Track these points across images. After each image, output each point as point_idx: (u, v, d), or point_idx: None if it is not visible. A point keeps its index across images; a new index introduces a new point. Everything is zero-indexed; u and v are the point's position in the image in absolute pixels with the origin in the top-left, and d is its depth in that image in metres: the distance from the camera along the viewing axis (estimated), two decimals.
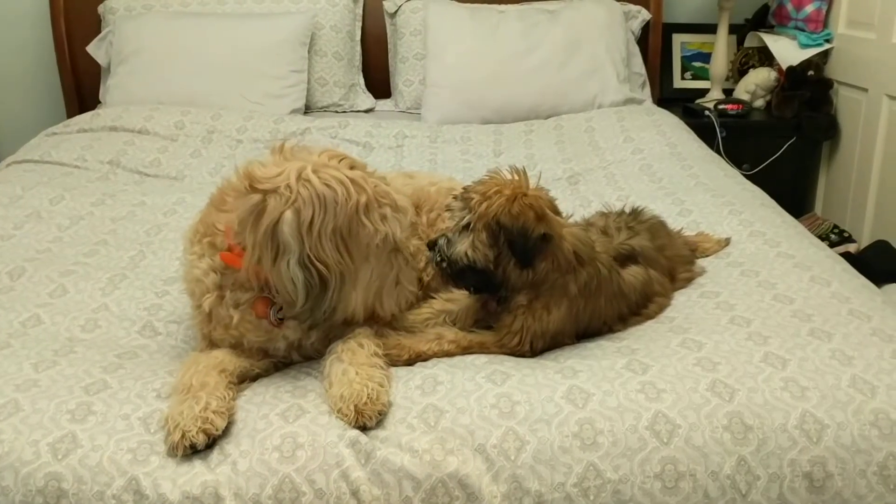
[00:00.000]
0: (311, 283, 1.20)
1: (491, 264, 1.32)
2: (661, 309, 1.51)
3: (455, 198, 1.38)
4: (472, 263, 1.32)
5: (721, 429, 1.16)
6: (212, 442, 1.14)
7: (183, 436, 1.11)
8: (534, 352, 1.36)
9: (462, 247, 1.32)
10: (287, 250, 1.19)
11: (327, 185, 1.20)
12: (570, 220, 1.44)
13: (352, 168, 1.26)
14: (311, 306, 1.23)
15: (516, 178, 1.33)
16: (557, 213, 1.37)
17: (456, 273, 1.35)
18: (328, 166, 1.23)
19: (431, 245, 1.38)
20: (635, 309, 1.48)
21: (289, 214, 1.18)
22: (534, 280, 1.34)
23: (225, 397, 1.20)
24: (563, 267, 1.34)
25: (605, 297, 1.40)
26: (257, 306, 1.31)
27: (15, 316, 1.52)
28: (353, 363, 1.24)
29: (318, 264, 1.19)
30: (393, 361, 1.32)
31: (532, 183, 1.35)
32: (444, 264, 1.35)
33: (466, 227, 1.32)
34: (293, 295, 1.22)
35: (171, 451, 1.12)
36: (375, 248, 1.25)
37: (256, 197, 1.21)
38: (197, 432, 1.12)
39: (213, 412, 1.15)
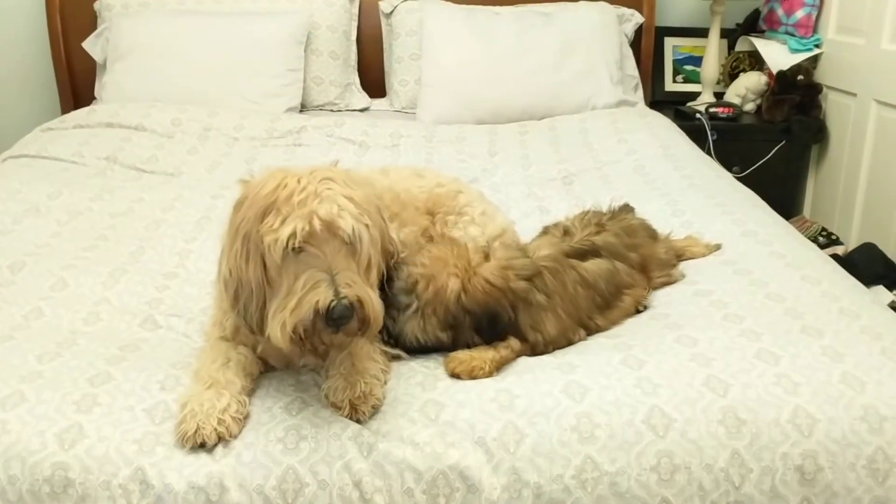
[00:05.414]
0: None
1: (446, 341, 1.34)
2: (637, 301, 1.53)
3: (397, 270, 1.33)
4: (422, 344, 1.34)
5: (715, 423, 1.19)
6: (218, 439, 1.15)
7: (197, 430, 1.12)
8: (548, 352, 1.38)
9: (410, 329, 1.32)
10: None
11: None
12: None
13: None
14: None
15: (457, 251, 1.34)
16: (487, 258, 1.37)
17: (403, 348, 1.35)
18: None
19: None
20: (609, 300, 1.48)
21: None
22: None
23: (245, 403, 1.20)
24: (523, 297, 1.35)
25: (571, 282, 1.41)
26: None
27: (17, 309, 1.53)
28: (349, 356, 1.24)
29: None
30: (475, 375, 1.29)
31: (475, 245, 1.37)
32: (388, 339, 1.34)
33: (414, 308, 1.31)
34: None
35: (181, 441, 1.13)
36: None
37: None
38: (211, 432, 1.13)
39: (232, 417, 1.16)
